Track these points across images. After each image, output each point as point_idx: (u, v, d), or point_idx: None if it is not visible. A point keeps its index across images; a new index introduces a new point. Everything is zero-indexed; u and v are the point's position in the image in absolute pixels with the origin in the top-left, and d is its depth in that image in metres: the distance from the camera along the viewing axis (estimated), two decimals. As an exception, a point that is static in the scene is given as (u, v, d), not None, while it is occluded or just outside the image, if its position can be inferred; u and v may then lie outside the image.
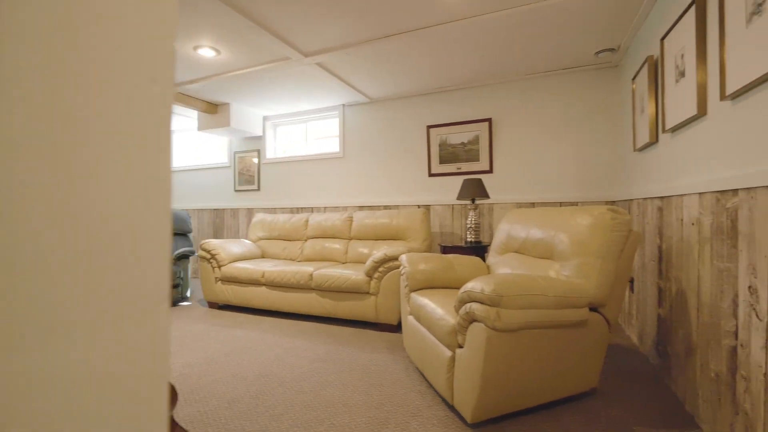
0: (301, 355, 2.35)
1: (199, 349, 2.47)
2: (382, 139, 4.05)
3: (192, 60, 3.00)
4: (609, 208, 1.72)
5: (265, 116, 4.72)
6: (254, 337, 2.70)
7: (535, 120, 3.40)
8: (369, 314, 2.83)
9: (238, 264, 3.47)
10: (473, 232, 3.15)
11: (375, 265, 2.79)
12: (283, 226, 4.05)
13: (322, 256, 3.70)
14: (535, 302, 1.41)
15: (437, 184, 3.78)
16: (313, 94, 3.87)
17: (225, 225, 5.08)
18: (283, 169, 4.65)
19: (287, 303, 3.17)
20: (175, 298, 3.68)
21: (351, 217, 3.75)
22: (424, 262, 2.21)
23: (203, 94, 3.85)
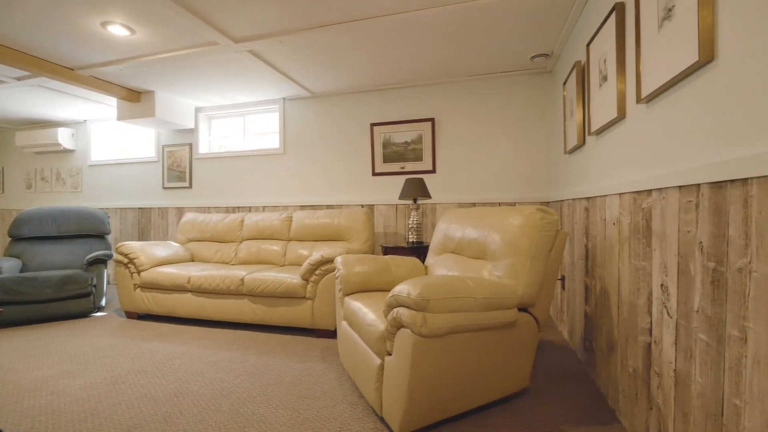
0: (226, 369, 2.13)
1: (104, 368, 2.16)
2: (325, 135, 3.89)
3: (101, 38, 2.64)
4: (538, 209, 1.73)
5: (197, 107, 4.35)
6: (175, 351, 2.43)
7: (476, 121, 3.44)
8: (305, 320, 2.67)
9: (161, 269, 3.13)
10: (415, 232, 3.11)
11: (311, 268, 2.64)
12: (215, 227, 3.75)
13: (259, 258, 3.46)
14: (463, 305, 1.35)
15: (381, 184, 3.70)
16: (251, 85, 3.62)
17: (152, 225, 4.62)
18: (218, 165, 4.32)
19: (216, 311, 2.91)
20: (87, 309, 3.24)
21: (290, 217, 3.55)
22: (360, 264, 2.10)
23: (122, 79, 3.43)
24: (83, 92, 3.90)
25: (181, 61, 3.02)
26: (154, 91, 3.78)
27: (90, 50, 2.83)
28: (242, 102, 4.16)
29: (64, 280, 3.14)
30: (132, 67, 3.12)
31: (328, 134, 3.88)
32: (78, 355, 2.36)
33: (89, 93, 3.94)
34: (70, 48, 2.79)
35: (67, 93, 3.89)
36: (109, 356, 2.34)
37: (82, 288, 3.20)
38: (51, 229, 3.73)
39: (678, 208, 1.11)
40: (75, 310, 3.19)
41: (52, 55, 2.91)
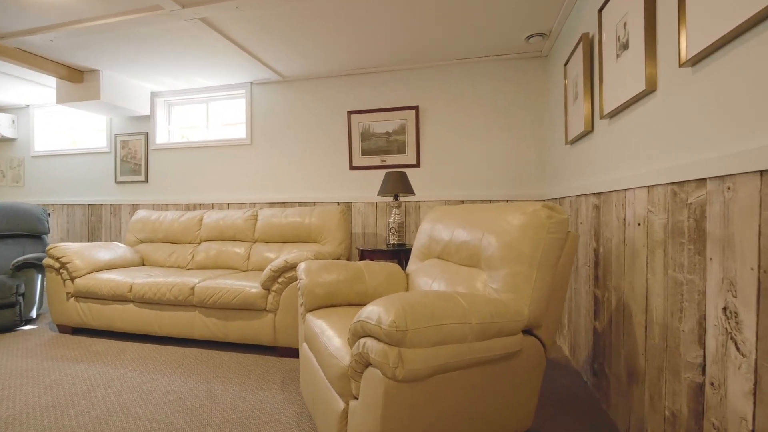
0: (159, 402, 1.72)
1: (2, 402, 1.71)
2: (297, 124, 3.49)
3: (17, -3, 2.17)
4: (545, 205, 1.39)
5: (153, 92, 3.88)
6: (104, 376, 1.99)
7: (464, 110, 3.11)
8: (266, 337, 2.27)
9: (100, 275, 2.67)
10: (396, 233, 2.75)
11: (273, 275, 2.24)
12: (170, 226, 3.29)
13: (218, 262, 3.03)
14: (453, 333, 1.00)
15: (359, 179, 3.33)
16: (214, 66, 3.19)
17: (104, 224, 4.11)
18: (178, 157, 3.85)
19: (162, 325, 2.47)
20: (12, 322, 2.75)
21: (255, 216, 3.14)
22: (327, 272, 1.72)
23: (56, 53, 2.95)
24: (20, 71, 3.38)
25: (125, 33, 2.57)
26: (99, 70, 3.29)
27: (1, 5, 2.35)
28: (205, 86, 3.71)
29: (-20, 288, 2.64)
30: (63, 38, 2.64)
31: (301, 123, 3.48)
32: (-23, 385, 1.90)
33: (27, 73, 3.42)
34: (-20, 9, 2.31)
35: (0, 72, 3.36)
36: (16, 385, 1.89)
37: (4, 298, 2.71)
38: (-26, 227, 3.20)
39: (757, 202, 0.78)
40: (-6, 324, 2.70)
41: (-38, 19, 2.42)
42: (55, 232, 4.31)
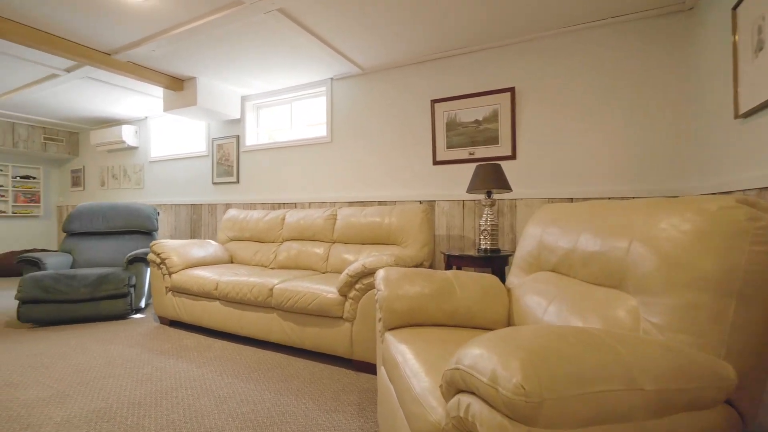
0: (233, 411, 1.62)
1: (101, 393, 1.78)
2: (377, 119, 3.29)
3: (116, 4, 2.32)
4: (739, 200, 0.90)
5: (243, 96, 4.04)
6: (187, 374, 1.99)
7: (573, 88, 2.56)
8: (341, 347, 2.08)
9: (192, 271, 2.79)
10: (489, 236, 2.35)
11: (350, 281, 2.04)
12: (255, 225, 3.35)
13: (299, 262, 2.97)
14: (614, 407, 0.62)
15: (444, 174, 2.99)
16: (295, 64, 3.15)
17: (203, 222, 4.44)
18: (264, 157, 3.95)
19: (244, 325, 2.46)
20: (124, 310, 3.03)
21: (335, 215, 3.01)
22: (409, 283, 1.44)
23: (159, 63, 3.18)
24: (135, 84, 3.77)
25: (213, 36, 2.63)
26: (195, 77, 3.50)
27: (111, 22, 2.54)
28: (288, 86, 3.73)
29: (99, 279, 2.95)
30: (163, 46, 2.81)
31: (380, 117, 3.27)
32: (85, 371, 2.04)
33: (141, 85, 3.81)
34: (90, 20, 2.53)
35: (117, 85, 3.79)
36: (114, 375, 1.98)
37: (117, 288, 2.99)
38: (100, 224, 3.65)
39: None
40: (111, 311, 3.00)
41: (80, 36, 2.70)
42: (165, 229, 4.80)
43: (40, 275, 2.85)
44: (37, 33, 2.58)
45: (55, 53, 2.73)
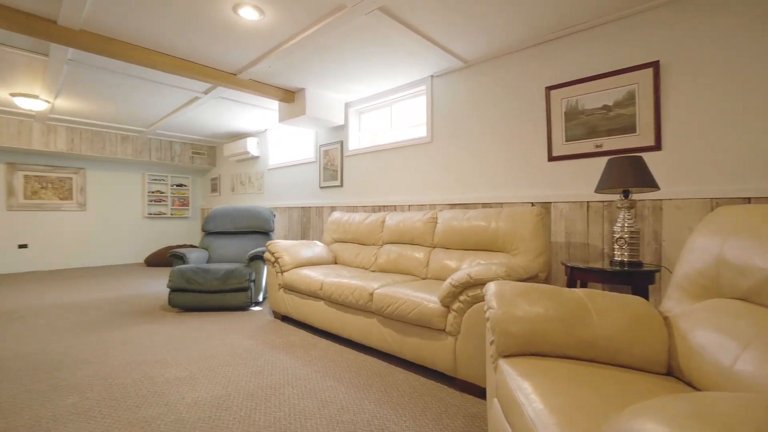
0: (334, 418, 1.60)
1: (223, 380, 1.95)
2: (480, 115, 3.03)
3: (236, 27, 2.55)
4: None
5: (347, 102, 4.18)
6: (294, 371, 2.07)
7: (749, 56, 1.94)
8: (444, 363, 1.91)
9: (301, 270, 2.94)
10: (626, 245, 1.92)
11: (453, 291, 1.86)
12: (357, 227, 3.41)
13: (398, 266, 2.90)
14: None
15: (562, 172, 2.59)
16: (395, 64, 3.11)
17: (311, 224, 4.75)
18: (365, 161, 4.02)
19: (345, 327, 2.48)
20: (244, 303, 3.38)
21: (435, 218, 2.86)
22: (527, 302, 1.20)
23: (275, 78, 3.47)
24: (255, 100, 4.22)
25: (318, 46, 2.73)
26: (304, 88, 3.73)
27: (234, 44, 2.83)
28: (388, 89, 3.72)
29: (227, 273, 3.33)
30: (276, 61, 3.03)
31: (485, 112, 3.00)
32: (211, 357, 2.28)
33: (260, 100, 4.24)
34: (218, 46, 2.86)
35: (242, 102, 4.28)
36: (234, 364, 2.17)
37: (240, 283, 3.34)
38: (229, 225, 4.16)
39: None
40: (235, 303, 3.36)
41: (213, 61, 3.08)
42: (280, 230, 5.28)
43: (184, 268, 3.35)
44: (181, 62, 3.04)
45: (195, 78, 3.18)
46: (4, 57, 3.08)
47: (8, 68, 3.32)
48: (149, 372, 2.06)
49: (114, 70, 3.34)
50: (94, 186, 6.39)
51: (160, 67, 2.95)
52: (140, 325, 2.94)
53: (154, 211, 7.03)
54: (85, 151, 5.70)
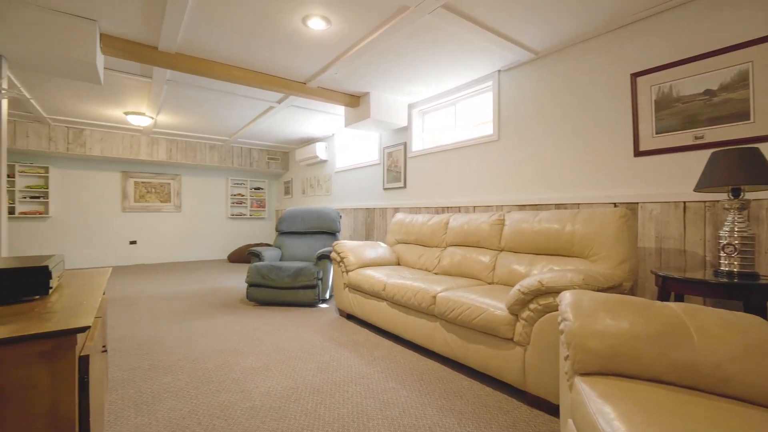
0: (395, 420, 1.59)
1: (292, 374, 2.06)
2: (555, 108, 2.81)
3: (305, 38, 2.68)
4: None
5: (410, 104, 4.17)
6: (358, 370, 2.11)
7: None
8: (511, 374, 1.80)
9: (365, 271, 3.00)
10: (737, 253, 1.63)
11: (522, 299, 1.74)
12: (420, 229, 3.38)
13: (462, 270, 2.81)
14: None
15: (651, 168, 2.29)
16: (459, 62, 3.03)
17: (375, 225, 4.83)
18: (429, 162, 3.98)
19: (408, 329, 2.46)
20: (312, 300, 3.55)
21: (502, 220, 2.72)
22: (610, 315, 1.08)
23: (341, 84, 3.59)
24: (323, 106, 4.42)
25: (381, 48, 2.77)
26: (369, 92, 3.81)
27: (304, 55, 2.98)
28: (451, 87, 3.64)
29: (297, 272, 3.53)
30: (342, 68, 3.14)
31: (559, 105, 2.78)
32: (283, 350, 2.42)
33: (327, 106, 4.43)
34: (290, 57, 3.03)
35: (311, 109, 4.51)
36: (302, 359, 2.28)
37: (309, 280, 3.52)
38: (300, 225, 4.40)
39: None
40: (304, 299, 3.55)
41: (285, 72, 3.28)
42: (345, 230, 5.45)
43: (260, 265, 3.62)
44: (258, 75, 3.29)
45: (270, 88, 3.43)
46: (120, 82, 3.61)
47: (122, 91, 3.89)
48: (229, 360, 2.26)
49: (203, 86, 3.73)
50: (187, 190, 7.22)
51: (241, 81, 3.23)
52: (222, 315, 3.24)
53: (236, 212, 7.73)
54: (181, 159, 6.47)
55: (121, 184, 6.56)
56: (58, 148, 5.45)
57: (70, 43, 2.35)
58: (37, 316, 0.98)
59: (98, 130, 5.72)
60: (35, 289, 1.14)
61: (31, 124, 5.24)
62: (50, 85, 3.75)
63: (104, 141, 5.80)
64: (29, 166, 5.74)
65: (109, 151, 5.84)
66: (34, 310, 1.04)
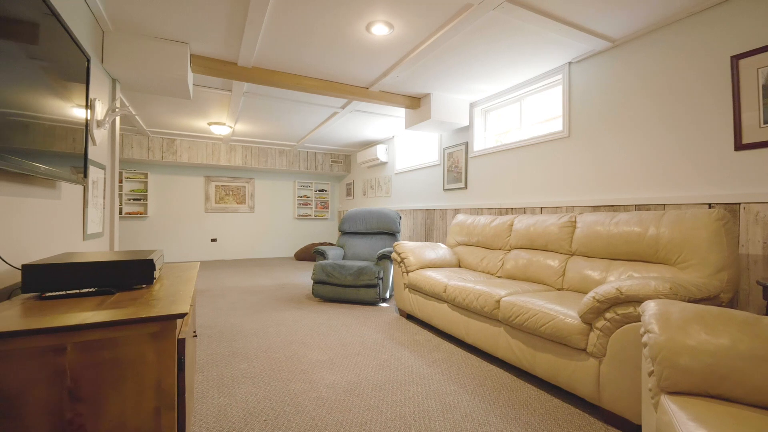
0: (458, 425, 1.58)
1: (355, 369, 2.14)
2: (634, 100, 2.57)
3: (369, 45, 2.76)
4: None
5: (471, 102, 4.08)
6: (418, 370, 2.13)
7: None
8: (584, 387, 1.68)
9: (425, 272, 3.01)
10: None
11: (597, 307, 1.62)
12: (483, 231, 3.29)
13: (528, 274, 2.69)
14: None
15: (758, 164, 1.99)
16: (524, 57, 2.91)
17: (435, 226, 4.80)
18: (492, 162, 3.86)
19: (470, 332, 2.42)
20: (374, 298, 3.64)
21: (573, 222, 2.55)
22: (706, 329, 0.96)
23: (402, 87, 3.63)
24: (384, 109, 4.51)
25: (442, 48, 2.76)
26: (429, 93, 3.80)
27: (367, 61, 3.06)
28: (516, 83, 3.49)
29: (359, 271, 3.64)
30: (404, 71, 3.17)
31: (639, 96, 2.53)
32: (347, 345, 2.52)
33: (389, 110, 4.51)
34: (353, 64, 3.13)
35: (372, 112, 4.62)
36: (364, 355, 2.35)
37: (370, 279, 3.61)
38: (361, 226, 4.53)
39: None
40: (365, 298, 3.64)
41: (349, 78, 3.40)
42: (405, 231, 5.49)
43: (325, 263, 3.80)
44: (324, 82, 3.46)
45: (334, 95, 3.58)
46: (205, 96, 4.03)
47: (207, 104, 4.34)
48: (297, 351, 2.41)
49: (275, 96, 4.02)
50: (259, 192, 7.81)
51: (308, 89, 3.42)
52: (291, 310, 3.45)
53: (302, 213, 8.19)
54: (254, 164, 7.02)
55: (204, 187, 7.30)
56: (155, 156, 6.23)
57: (167, 65, 2.69)
58: (146, 302, 1.15)
59: (186, 140, 6.43)
60: (143, 278, 1.33)
61: (134, 136, 6.06)
62: (150, 102, 4.31)
63: (191, 149, 6.50)
64: (133, 172, 6.64)
65: (195, 158, 6.53)
66: (143, 297, 1.21)
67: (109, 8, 2.30)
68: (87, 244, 2.25)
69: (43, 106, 1.42)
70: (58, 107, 1.55)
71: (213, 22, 2.46)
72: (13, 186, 1.40)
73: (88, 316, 1.00)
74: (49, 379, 0.92)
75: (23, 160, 1.28)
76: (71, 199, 1.99)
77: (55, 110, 1.52)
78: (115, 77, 2.71)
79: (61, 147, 1.59)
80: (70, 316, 1.00)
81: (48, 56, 1.43)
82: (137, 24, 2.49)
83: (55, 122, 1.52)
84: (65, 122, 1.63)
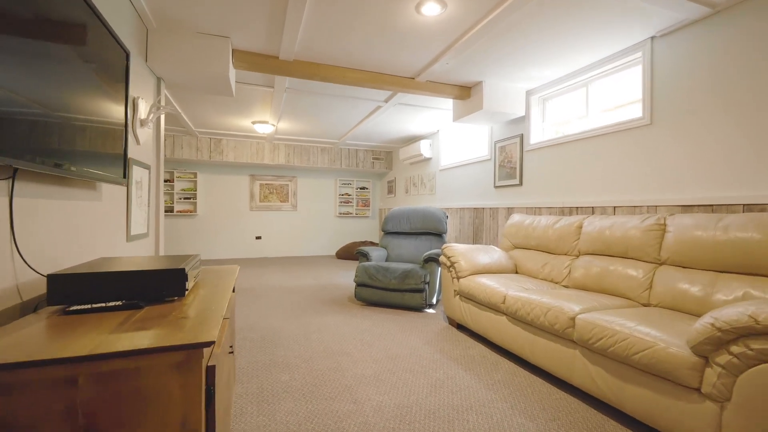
0: (531, 472, 1.30)
1: (404, 387, 1.92)
2: (742, 78, 2.10)
3: (419, 27, 2.50)
4: None
5: (528, 90, 3.69)
6: (477, 395, 1.86)
7: None
8: (698, 436, 1.33)
9: (478, 278, 2.72)
10: None
11: (717, 337, 1.26)
12: (544, 233, 2.93)
13: (603, 285, 2.31)
14: None
15: None
16: (595, 31, 2.51)
17: (484, 226, 4.46)
18: (552, 155, 3.46)
19: (535, 352, 2.10)
20: (419, 304, 3.40)
21: (662, 224, 2.14)
22: None
23: (451, 75, 3.34)
24: (429, 101, 4.23)
25: (495, 32, 2.44)
26: (481, 81, 3.48)
27: (414, 47, 2.81)
28: (582, 66, 3.07)
29: (404, 274, 3.42)
30: (454, 56, 2.88)
31: (748, 73, 2.06)
32: (393, 358, 2.31)
33: (434, 101, 4.23)
34: (400, 52, 2.89)
35: (417, 105, 4.36)
36: (413, 371, 2.12)
37: (416, 283, 3.37)
38: (405, 226, 4.30)
39: None
40: (411, 303, 3.41)
41: (393, 68, 3.17)
42: (451, 231, 5.18)
43: (368, 265, 3.61)
44: (368, 74, 3.25)
45: (379, 87, 3.37)
46: (248, 93, 3.99)
47: (250, 102, 4.31)
48: (340, 362, 2.23)
49: (316, 92, 3.89)
50: (302, 191, 7.83)
51: (352, 82, 3.23)
52: (333, 314, 3.30)
53: (343, 211, 8.11)
54: (297, 162, 7.02)
55: (249, 186, 7.43)
56: (203, 156, 6.40)
57: (209, 61, 2.61)
58: (173, 322, 0.99)
59: (232, 140, 6.54)
60: (175, 289, 1.19)
61: (184, 137, 6.26)
62: (196, 102, 4.35)
63: (236, 149, 6.61)
64: (184, 172, 6.88)
65: (241, 157, 6.64)
66: (172, 313, 1.06)
67: (151, 2, 2.24)
68: (131, 246, 2.21)
69: (79, 105, 1.32)
70: (96, 106, 1.46)
71: (254, 12, 2.33)
72: (51, 188, 1.32)
73: (102, 342, 0.85)
74: (61, 414, 0.79)
75: (63, 162, 1.18)
76: (113, 200, 1.94)
77: (92, 109, 1.43)
78: (159, 75, 2.68)
79: (98, 147, 1.50)
80: (85, 340, 0.86)
81: (81, 52, 1.33)
82: (179, 19, 2.42)
83: (91, 122, 1.43)
84: (103, 122, 1.55)
